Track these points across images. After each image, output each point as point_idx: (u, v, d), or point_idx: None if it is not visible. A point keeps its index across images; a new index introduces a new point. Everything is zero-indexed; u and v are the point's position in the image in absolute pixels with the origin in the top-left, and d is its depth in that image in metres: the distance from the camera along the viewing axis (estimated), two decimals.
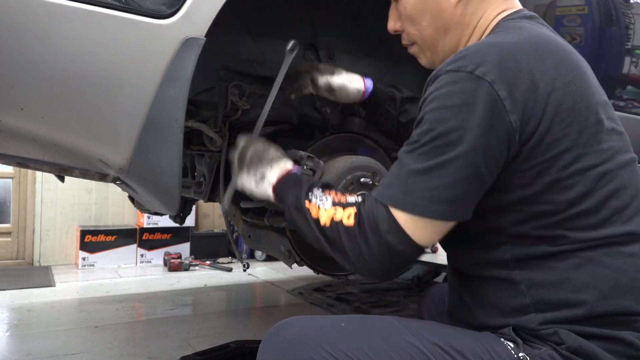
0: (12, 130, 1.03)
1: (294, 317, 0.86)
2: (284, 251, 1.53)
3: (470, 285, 0.91)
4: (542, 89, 0.81)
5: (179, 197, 1.15)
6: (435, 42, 1.00)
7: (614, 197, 0.83)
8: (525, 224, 0.83)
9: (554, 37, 0.92)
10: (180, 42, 1.03)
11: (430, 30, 0.99)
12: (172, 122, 1.06)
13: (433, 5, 0.96)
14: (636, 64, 2.05)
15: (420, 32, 1.01)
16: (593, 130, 0.83)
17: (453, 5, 0.95)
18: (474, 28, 0.97)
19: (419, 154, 0.81)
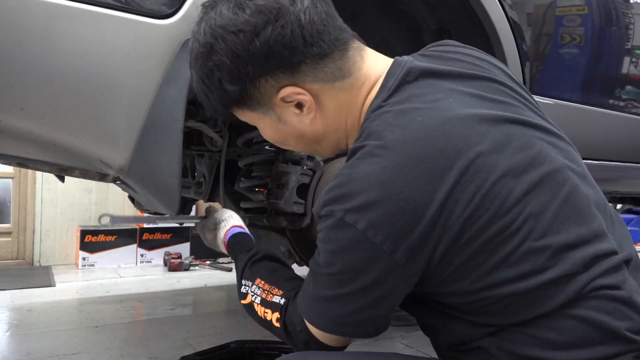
0: (12, 131, 1.03)
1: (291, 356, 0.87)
2: (284, 251, 1.54)
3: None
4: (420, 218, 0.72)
5: (179, 197, 1.15)
6: (314, 149, 0.96)
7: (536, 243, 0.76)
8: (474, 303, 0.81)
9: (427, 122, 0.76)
10: (180, 42, 1.03)
11: (302, 146, 0.94)
12: (172, 122, 1.06)
13: (290, 130, 0.89)
14: (636, 64, 2.05)
15: (294, 149, 0.97)
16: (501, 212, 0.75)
17: (309, 125, 0.88)
18: (345, 131, 0.90)
19: (320, 281, 0.83)
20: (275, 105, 0.86)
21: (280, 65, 0.81)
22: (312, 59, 0.82)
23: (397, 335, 2.29)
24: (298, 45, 0.80)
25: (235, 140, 1.63)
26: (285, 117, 0.88)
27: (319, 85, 0.84)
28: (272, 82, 0.83)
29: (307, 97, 0.84)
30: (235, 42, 0.80)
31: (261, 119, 0.90)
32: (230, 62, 0.81)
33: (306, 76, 0.83)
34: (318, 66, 0.83)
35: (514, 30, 1.54)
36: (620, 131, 2.06)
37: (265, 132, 0.93)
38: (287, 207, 1.39)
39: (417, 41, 1.69)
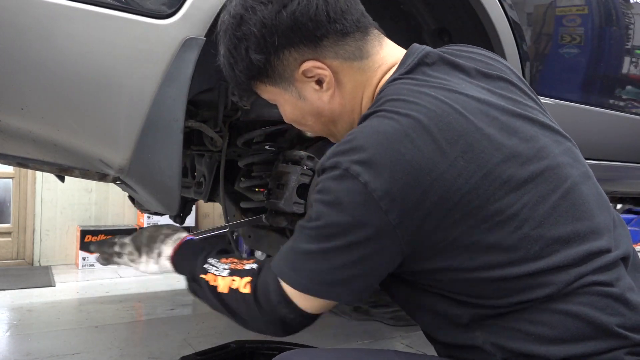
0: (12, 130, 1.03)
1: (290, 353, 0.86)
2: None
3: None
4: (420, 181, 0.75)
5: (179, 198, 1.15)
6: (329, 131, 0.99)
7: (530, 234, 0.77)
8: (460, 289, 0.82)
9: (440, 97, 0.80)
10: (180, 42, 1.03)
11: (319, 126, 0.98)
12: (172, 122, 1.06)
13: (309, 108, 0.93)
14: (636, 64, 2.05)
15: (311, 129, 1.00)
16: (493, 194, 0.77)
17: (327, 102, 0.92)
18: (359, 111, 0.93)
19: (305, 235, 0.82)
20: (296, 80, 0.90)
21: (304, 38, 0.86)
22: (334, 35, 0.87)
23: (397, 335, 2.29)
24: (322, 20, 0.85)
25: (235, 140, 1.63)
26: (305, 93, 0.91)
27: (339, 62, 0.88)
28: (295, 55, 0.87)
29: (327, 72, 0.88)
30: (264, 12, 0.85)
31: (282, 94, 0.93)
32: (257, 31, 0.85)
33: (327, 52, 0.87)
34: (339, 43, 0.87)
35: (514, 30, 1.54)
36: (621, 131, 2.06)
37: (284, 109, 0.97)
38: (287, 207, 1.39)
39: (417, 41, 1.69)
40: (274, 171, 1.48)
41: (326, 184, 0.79)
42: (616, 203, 3.61)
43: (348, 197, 0.77)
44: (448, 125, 0.77)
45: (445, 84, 0.83)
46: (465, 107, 0.79)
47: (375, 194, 0.75)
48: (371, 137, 0.78)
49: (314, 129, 0.99)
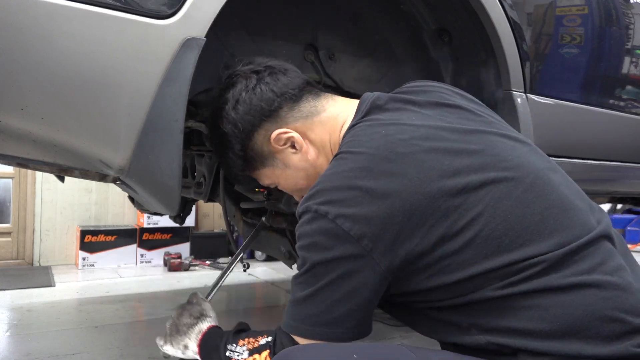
0: (12, 131, 1.03)
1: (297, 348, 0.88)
2: (284, 251, 1.54)
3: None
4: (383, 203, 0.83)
5: (179, 198, 1.15)
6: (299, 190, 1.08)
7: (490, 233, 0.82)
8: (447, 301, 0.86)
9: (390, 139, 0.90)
10: (180, 42, 1.03)
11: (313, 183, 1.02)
12: (172, 123, 1.06)
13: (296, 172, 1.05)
14: (636, 64, 2.05)
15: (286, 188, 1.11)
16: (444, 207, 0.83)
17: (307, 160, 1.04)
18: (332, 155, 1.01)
19: (298, 285, 0.90)
20: (275, 152, 1.04)
21: (262, 116, 1.01)
22: (286, 103, 1.02)
23: (397, 335, 2.29)
24: (270, 97, 1.01)
25: None
26: (287, 161, 1.04)
27: (301, 123, 1.02)
28: (263, 132, 1.02)
29: (293, 133, 1.02)
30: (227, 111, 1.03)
31: (273, 172, 1.07)
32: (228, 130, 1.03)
33: (287, 118, 1.02)
34: (294, 108, 1.02)
35: (514, 30, 1.54)
36: (621, 131, 2.06)
37: (282, 184, 1.09)
38: (287, 207, 1.39)
39: (417, 41, 1.69)
40: None
41: (301, 230, 0.88)
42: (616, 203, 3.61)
43: (322, 235, 0.85)
44: (397, 153, 0.87)
45: (395, 119, 0.94)
46: (413, 135, 0.89)
47: (344, 226, 0.83)
48: (331, 178, 0.89)
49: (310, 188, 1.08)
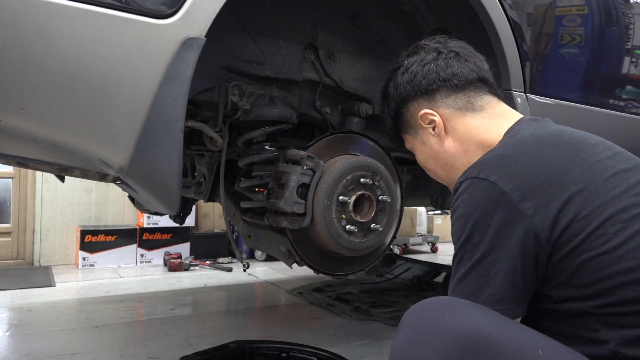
0: (12, 130, 1.03)
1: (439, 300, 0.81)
2: (284, 251, 1.53)
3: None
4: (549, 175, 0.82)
5: (179, 197, 1.15)
6: (449, 177, 1.09)
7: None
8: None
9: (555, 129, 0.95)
10: (180, 42, 1.03)
11: (439, 170, 1.10)
12: (172, 122, 1.06)
13: (429, 151, 1.09)
14: (636, 64, 2.05)
15: (435, 174, 1.13)
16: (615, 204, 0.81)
17: (441, 144, 1.06)
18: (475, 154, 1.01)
19: (456, 264, 0.86)
20: (419, 127, 1.08)
21: (420, 92, 1.06)
22: (445, 89, 1.05)
23: None
24: (433, 78, 1.05)
25: (235, 140, 1.63)
26: (425, 139, 1.08)
27: (450, 111, 1.05)
28: (415, 105, 1.07)
29: (437, 118, 1.05)
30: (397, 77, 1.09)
31: (413, 141, 1.12)
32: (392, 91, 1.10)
33: (439, 102, 1.05)
34: (451, 96, 1.05)
35: (514, 30, 1.54)
36: (621, 131, 2.06)
37: (416, 155, 1.14)
38: (287, 207, 1.39)
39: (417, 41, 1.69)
40: (274, 171, 1.48)
41: (460, 198, 0.86)
42: None
43: (481, 198, 0.83)
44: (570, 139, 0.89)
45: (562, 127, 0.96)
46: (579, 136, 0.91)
47: (506, 187, 0.81)
48: (492, 156, 0.89)
49: (437, 173, 1.12)
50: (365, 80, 1.68)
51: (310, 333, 2.29)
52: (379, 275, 3.55)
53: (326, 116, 1.66)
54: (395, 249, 4.71)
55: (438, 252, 5.19)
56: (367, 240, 1.46)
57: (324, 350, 1.81)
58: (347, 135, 1.57)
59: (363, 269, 1.66)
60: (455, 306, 0.78)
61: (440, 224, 5.61)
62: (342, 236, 1.41)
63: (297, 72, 1.53)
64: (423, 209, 5.32)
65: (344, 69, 1.64)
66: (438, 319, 0.76)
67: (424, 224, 5.35)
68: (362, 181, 1.43)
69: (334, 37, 1.62)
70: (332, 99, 1.70)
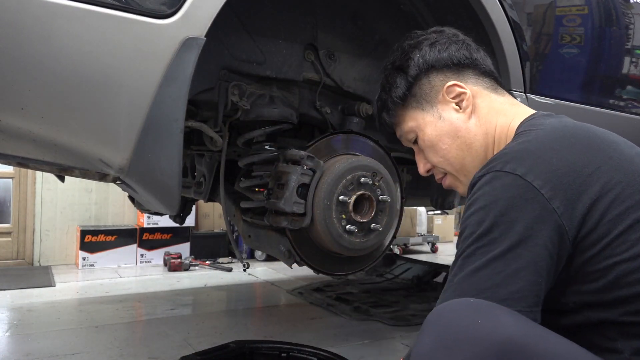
0: (12, 130, 1.03)
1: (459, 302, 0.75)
2: (284, 251, 1.53)
3: None
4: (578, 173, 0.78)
5: (179, 197, 1.15)
6: (462, 160, 1.01)
7: None
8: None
9: (577, 124, 0.91)
10: (180, 42, 1.03)
11: (454, 150, 1.01)
12: (172, 122, 1.06)
13: (446, 127, 1.01)
14: (636, 64, 2.05)
15: (445, 156, 1.03)
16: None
17: (465, 121, 1.00)
18: (493, 137, 0.99)
19: (466, 255, 0.78)
20: (439, 102, 1.02)
21: (451, 63, 1.01)
22: (474, 68, 1.02)
23: (397, 335, 2.29)
24: (466, 54, 1.02)
25: (235, 140, 1.63)
26: (444, 114, 1.01)
27: (478, 89, 1.01)
28: (441, 77, 1.02)
29: (467, 92, 1.00)
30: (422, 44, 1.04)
31: (424, 117, 1.04)
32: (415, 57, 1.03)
33: (468, 78, 1.02)
34: (479, 76, 1.02)
35: (514, 30, 1.54)
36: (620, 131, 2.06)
37: (425, 132, 1.05)
38: (287, 206, 1.39)
39: None
40: (274, 171, 1.48)
41: (480, 191, 0.80)
42: None
43: (507, 192, 0.77)
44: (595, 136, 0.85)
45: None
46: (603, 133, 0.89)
47: (535, 183, 0.76)
48: (517, 148, 0.83)
49: (449, 153, 1.02)
50: (365, 80, 1.68)
51: (310, 333, 2.29)
52: (379, 275, 3.55)
53: (326, 116, 1.66)
54: (395, 249, 4.71)
55: (438, 252, 5.19)
56: (367, 240, 1.46)
57: (324, 350, 1.81)
58: (347, 135, 1.57)
59: (363, 269, 1.66)
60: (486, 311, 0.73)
61: (440, 224, 5.61)
62: (342, 236, 1.41)
63: (297, 72, 1.53)
64: (423, 209, 5.32)
65: (344, 69, 1.64)
66: (469, 323, 0.71)
67: (424, 224, 5.35)
68: (362, 181, 1.43)
69: (334, 37, 1.61)
70: (332, 99, 1.70)
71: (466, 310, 0.73)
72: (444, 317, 0.74)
